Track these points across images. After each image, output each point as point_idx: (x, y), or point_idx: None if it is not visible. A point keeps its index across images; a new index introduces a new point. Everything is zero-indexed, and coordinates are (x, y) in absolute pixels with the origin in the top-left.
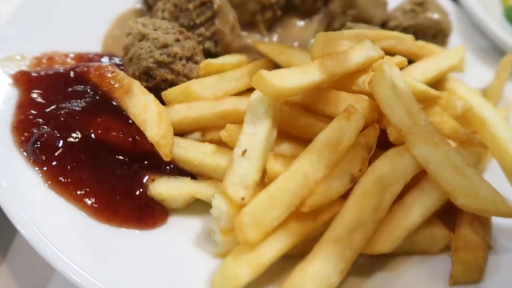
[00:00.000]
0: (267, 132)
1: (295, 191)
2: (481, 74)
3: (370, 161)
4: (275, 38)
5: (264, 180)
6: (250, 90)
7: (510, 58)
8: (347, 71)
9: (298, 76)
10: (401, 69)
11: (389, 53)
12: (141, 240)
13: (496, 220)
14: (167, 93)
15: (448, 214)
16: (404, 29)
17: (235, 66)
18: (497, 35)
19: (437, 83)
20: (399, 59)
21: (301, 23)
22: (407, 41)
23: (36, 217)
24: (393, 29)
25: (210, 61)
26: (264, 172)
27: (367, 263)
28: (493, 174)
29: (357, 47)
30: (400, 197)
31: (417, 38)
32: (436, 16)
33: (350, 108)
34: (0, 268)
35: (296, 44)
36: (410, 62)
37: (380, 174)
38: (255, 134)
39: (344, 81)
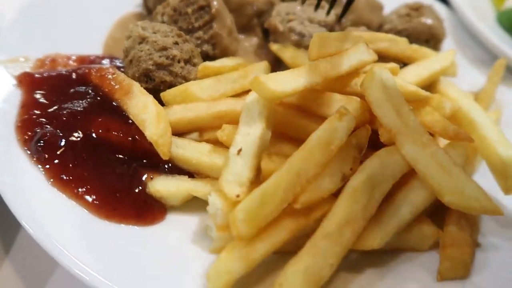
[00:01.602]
0: (261, 132)
1: (287, 188)
2: (474, 79)
3: (362, 161)
4: None
5: (259, 178)
6: (246, 91)
7: (502, 63)
8: (341, 74)
9: (293, 79)
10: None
11: (383, 55)
12: (140, 236)
13: (485, 219)
14: (165, 94)
15: (437, 212)
16: (398, 32)
17: (232, 68)
18: (488, 40)
19: (430, 85)
20: (392, 65)
21: None
22: (401, 44)
23: (39, 213)
24: (387, 31)
25: (208, 63)
26: (259, 170)
27: (358, 259)
28: (484, 175)
29: (351, 50)
30: (390, 196)
31: (410, 42)
32: (429, 21)
33: (342, 109)
34: (3, 263)
35: None
36: (405, 65)
37: (370, 173)
38: (250, 134)
39: (337, 83)
